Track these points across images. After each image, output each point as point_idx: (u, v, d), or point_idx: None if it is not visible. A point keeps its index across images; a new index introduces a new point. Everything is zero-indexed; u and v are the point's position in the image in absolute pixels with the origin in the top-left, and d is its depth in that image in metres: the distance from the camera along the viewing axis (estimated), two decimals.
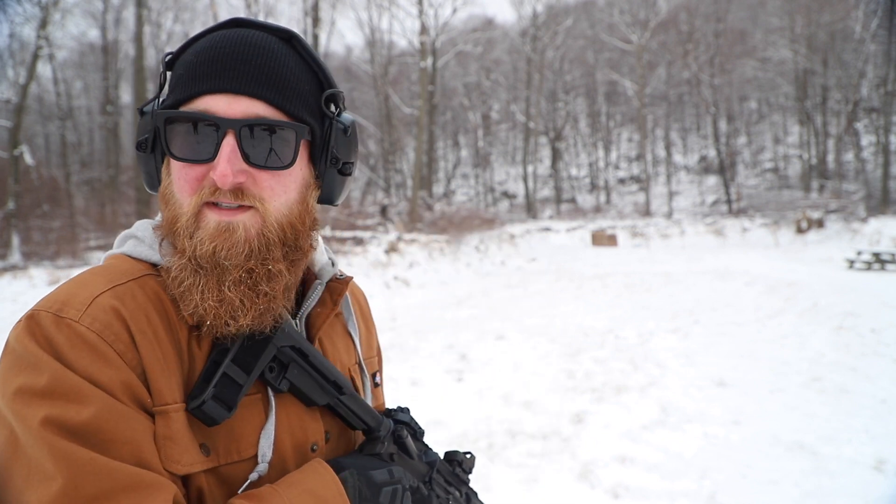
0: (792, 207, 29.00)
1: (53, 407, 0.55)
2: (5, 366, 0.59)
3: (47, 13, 19.45)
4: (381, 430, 0.76)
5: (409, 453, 0.79)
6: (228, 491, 0.64)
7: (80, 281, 0.65)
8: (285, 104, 0.66)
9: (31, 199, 19.88)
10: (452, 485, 0.85)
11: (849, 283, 10.96)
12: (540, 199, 41.85)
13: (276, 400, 0.68)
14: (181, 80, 0.67)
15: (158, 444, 0.59)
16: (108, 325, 0.60)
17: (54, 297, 0.62)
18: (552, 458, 3.58)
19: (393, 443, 0.78)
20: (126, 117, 30.48)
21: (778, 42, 34.96)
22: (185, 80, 0.66)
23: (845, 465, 3.37)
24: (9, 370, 0.58)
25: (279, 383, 0.67)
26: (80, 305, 0.60)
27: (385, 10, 33.88)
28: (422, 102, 27.92)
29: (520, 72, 41.20)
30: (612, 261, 17.76)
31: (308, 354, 0.70)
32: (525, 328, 7.59)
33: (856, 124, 33.05)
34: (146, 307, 0.63)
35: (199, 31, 0.72)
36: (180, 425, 0.61)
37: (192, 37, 0.71)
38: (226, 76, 0.64)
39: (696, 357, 5.91)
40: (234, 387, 0.63)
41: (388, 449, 0.77)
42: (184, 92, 0.65)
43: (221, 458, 0.64)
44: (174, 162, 0.66)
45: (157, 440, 0.59)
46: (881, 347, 6.01)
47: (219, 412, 0.61)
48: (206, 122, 0.63)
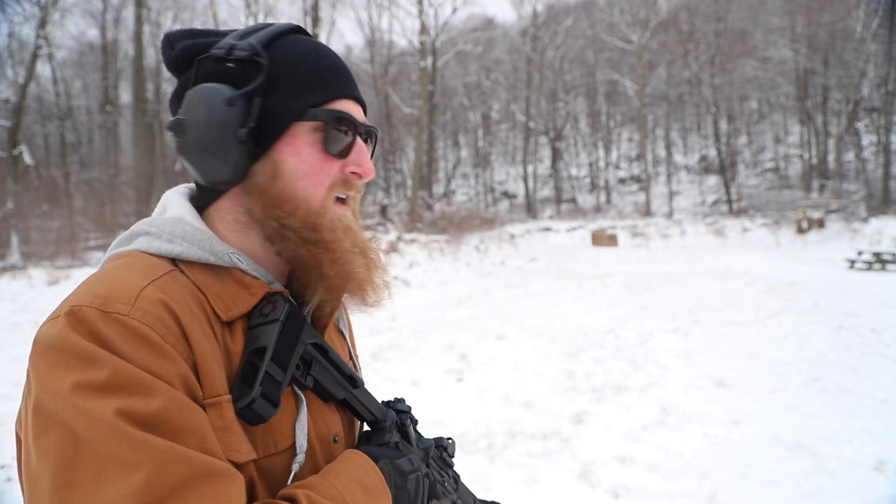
0: (792, 207, 29.01)
1: (121, 399, 0.53)
2: (47, 364, 0.56)
3: (46, 13, 19.46)
4: (387, 420, 0.80)
5: (410, 441, 0.82)
6: (268, 482, 0.66)
7: (113, 277, 0.62)
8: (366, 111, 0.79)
9: (31, 198, 19.89)
10: (442, 469, 0.89)
11: (849, 283, 10.96)
12: (540, 199, 41.85)
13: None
14: (311, 83, 0.71)
15: (216, 436, 0.60)
16: (159, 318, 0.59)
17: (92, 292, 0.60)
18: (552, 459, 3.58)
19: (396, 431, 0.81)
20: (126, 117, 30.48)
21: (778, 42, 34.95)
22: (316, 83, 0.71)
23: (845, 465, 3.37)
24: (54, 368, 0.55)
25: (305, 380, 0.70)
26: (127, 299, 0.59)
27: (385, 10, 33.94)
28: (422, 102, 27.93)
29: (520, 71, 41.20)
30: (613, 261, 17.77)
31: (328, 351, 0.73)
32: (525, 328, 7.59)
33: (856, 124, 33.06)
34: (188, 300, 0.64)
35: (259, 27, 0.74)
36: (232, 416, 0.62)
37: (265, 35, 0.72)
38: (351, 85, 0.75)
39: (696, 357, 5.90)
40: (275, 384, 0.65)
41: (394, 438, 0.80)
42: (322, 95, 0.71)
43: (260, 451, 0.65)
44: (309, 156, 0.70)
45: (215, 431, 0.60)
46: (881, 347, 6.00)
47: (267, 410, 0.63)
48: (352, 124, 0.73)
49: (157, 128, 26.05)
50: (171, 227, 0.69)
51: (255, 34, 0.72)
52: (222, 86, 0.67)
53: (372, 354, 6.32)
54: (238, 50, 0.69)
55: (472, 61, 41.51)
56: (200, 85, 0.68)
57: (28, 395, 0.58)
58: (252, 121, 0.68)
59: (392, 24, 57.28)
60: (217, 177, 0.69)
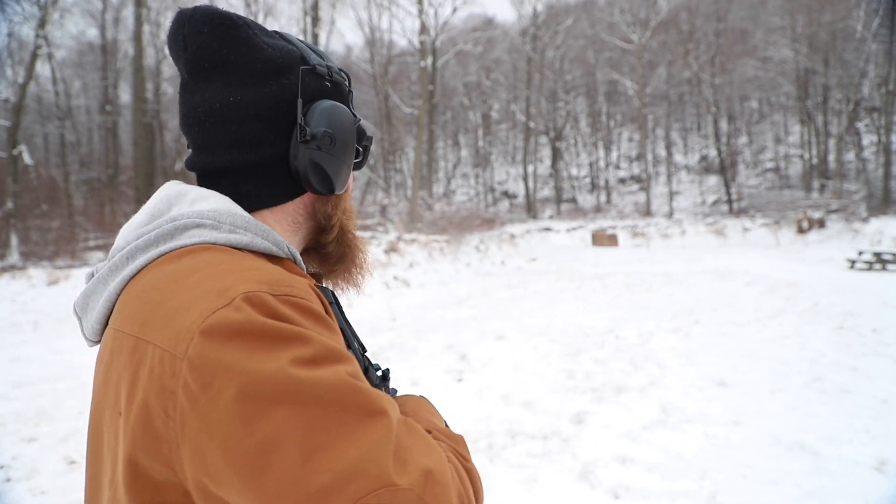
0: (793, 207, 28.99)
1: (341, 365, 0.57)
2: (246, 347, 0.54)
3: (46, 12, 19.45)
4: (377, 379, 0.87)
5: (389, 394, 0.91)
6: None
7: (243, 267, 0.61)
8: None
9: (30, 198, 19.90)
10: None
11: (850, 283, 10.96)
12: (540, 198, 41.86)
13: None
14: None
15: None
16: (316, 300, 0.63)
17: (255, 278, 0.59)
18: (552, 459, 3.58)
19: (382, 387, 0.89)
20: (125, 117, 30.47)
21: (779, 41, 34.94)
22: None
23: (846, 465, 3.37)
24: (257, 350, 0.54)
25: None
26: (289, 283, 0.61)
27: (385, 10, 33.94)
28: (422, 102, 27.93)
29: (520, 71, 41.20)
30: (613, 261, 17.76)
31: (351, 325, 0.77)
32: (525, 328, 7.59)
33: (857, 124, 33.05)
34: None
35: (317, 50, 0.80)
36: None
37: (317, 49, 0.79)
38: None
39: (697, 357, 5.90)
40: (363, 360, 0.75)
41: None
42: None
43: None
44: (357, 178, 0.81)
45: None
46: (882, 347, 6.00)
47: (375, 378, 0.75)
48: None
49: (156, 128, 26.05)
50: (229, 219, 0.68)
51: (321, 55, 0.79)
52: (345, 107, 0.77)
53: (372, 354, 6.31)
54: (336, 74, 0.78)
55: (472, 61, 41.51)
56: (334, 103, 0.75)
57: (206, 383, 0.53)
58: (366, 139, 0.83)
59: (392, 24, 57.35)
60: (342, 184, 0.78)
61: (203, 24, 0.69)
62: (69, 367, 6.02)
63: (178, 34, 0.70)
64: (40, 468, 3.57)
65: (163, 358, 0.55)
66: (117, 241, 0.71)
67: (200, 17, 0.69)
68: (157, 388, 0.55)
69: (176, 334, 0.55)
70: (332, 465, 0.52)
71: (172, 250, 0.65)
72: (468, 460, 0.69)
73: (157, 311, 0.58)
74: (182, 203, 0.70)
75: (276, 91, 0.71)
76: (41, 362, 6.31)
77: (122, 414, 0.58)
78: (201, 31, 0.69)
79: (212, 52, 0.69)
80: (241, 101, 0.70)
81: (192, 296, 0.57)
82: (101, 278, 0.67)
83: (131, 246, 0.66)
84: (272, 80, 0.71)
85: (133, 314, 0.60)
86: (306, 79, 0.73)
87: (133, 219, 0.73)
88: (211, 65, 0.70)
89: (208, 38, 0.69)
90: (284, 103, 0.72)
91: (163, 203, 0.71)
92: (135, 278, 0.65)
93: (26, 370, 5.98)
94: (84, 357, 6.44)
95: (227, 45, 0.69)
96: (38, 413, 4.60)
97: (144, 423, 0.55)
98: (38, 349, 6.92)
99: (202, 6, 0.71)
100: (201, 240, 0.65)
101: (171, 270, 0.62)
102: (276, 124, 0.72)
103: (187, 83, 0.73)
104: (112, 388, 0.61)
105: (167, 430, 0.54)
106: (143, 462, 0.56)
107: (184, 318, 0.56)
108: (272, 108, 0.71)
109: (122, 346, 0.60)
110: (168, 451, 0.55)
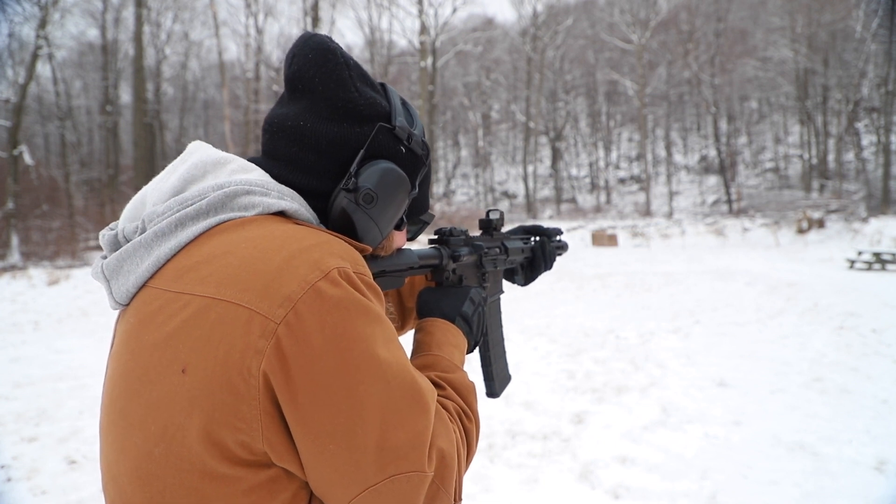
0: (792, 207, 28.99)
1: (400, 350, 0.68)
2: (344, 321, 0.60)
3: (46, 13, 19.46)
4: (440, 258, 0.97)
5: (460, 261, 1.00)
6: None
7: (323, 239, 0.65)
8: None
9: (31, 198, 19.90)
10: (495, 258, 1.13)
11: (850, 283, 10.95)
12: (540, 198, 41.86)
13: None
14: (427, 194, 0.89)
15: None
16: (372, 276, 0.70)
17: (338, 253, 0.64)
18: (552, 459, 3.58)
19: (450, 261, 0.98)
20: (126, 117, 30.49)
21: (778, 42, 34.93)
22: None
23: (846, 465, 3.37)
24: (356, 324, 0.61)
25: None
26: (360, 260, 0.67)
27: (385, 10, 33.92)
28: (422, 102, 27.94)
29: (520, 71, 41.20)
30: (613, 261, 17.76)
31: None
32: (525, 328, 7.59)
33: (856, 124, 33.04)
34: None
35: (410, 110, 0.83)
36: None
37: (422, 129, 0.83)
38: None
39: (697, 357, 5.90)
40: None
41: (449, 273, 0.99)
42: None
43: None
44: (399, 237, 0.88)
45: None
46: (882, 348, 6.00)
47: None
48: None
49: (157, 128, 26.05)
50: (276, 187, 0.71)
51: (413, 115, 0.81)
52: (405, 175, 0.76)
53: None
54: (415, 142, 0.79)
55: (472, 61, 41.51)
56: (393, 167, 0.75)
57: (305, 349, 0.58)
58: (405, 212, 0.83)
59: (392, 24, 57.31)
60: (369, 242, 0.77)
61: (310, 51, 0.74)
62: (69, 367, 6.02)
63: (291, 52, 0.76)
64: (41, 468, 3.57)
65: (251, 319, 0.57)
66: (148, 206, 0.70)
67: (312, 44, 0.74)
68: (241, 346, 0.57)
69: (271, 300, 0.58)
70: (388, 441, 0.62)
71: (230, 220, 0.67)
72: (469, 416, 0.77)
73: (239, 275, 0.60)
74: (220, 172, 0.71)
75: (347, 134, 0.74)
76: (41, 362, 6.31)
77: (188, 370, 0.58)
78: (306, 55, 0.74)
79: (307, 78, 0.74)
80: (311, 129, 0.73)
81: (281, 263, 0.60)
82: (144, 243, 0.66)
83: (180, 213, 0.66)
84: (346, 123, 0.74)
85: (204, 277, 0.61)
86: (380, 135, 0.75)
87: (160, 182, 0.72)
88: (303, 87, 0.74)
89: (308, 65, 0.74)
90: (348, 148, 0.74)
91: (196, 169, 0.71)
92: (193, 244, 0.65)
93: (26, 370, 5.98)
94: (84, 357, 6.45)
95: (321, 76, 0.73)
96: (38, 413, 4.60)
97: (222, 380, 0.57)
98: (39, 349, 6.92)
99: (320, 35, 0.75)
100: (256, 211, 0.68)
101: (243, 238, 0.64)
102: (333, 163, 0.74)
103: (283, 95, 0.78)
104: (166, 347, 0.60)
105: (248, 388, 0.57)
106: (216, 417, 0.57)
107: (280, 285, 0.59)
108: (334, 147, 0.74)
109: (183, 306, 0.60)
110: (247, 410, 0.57)
